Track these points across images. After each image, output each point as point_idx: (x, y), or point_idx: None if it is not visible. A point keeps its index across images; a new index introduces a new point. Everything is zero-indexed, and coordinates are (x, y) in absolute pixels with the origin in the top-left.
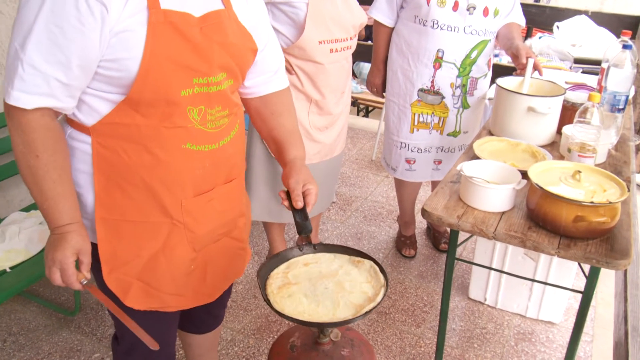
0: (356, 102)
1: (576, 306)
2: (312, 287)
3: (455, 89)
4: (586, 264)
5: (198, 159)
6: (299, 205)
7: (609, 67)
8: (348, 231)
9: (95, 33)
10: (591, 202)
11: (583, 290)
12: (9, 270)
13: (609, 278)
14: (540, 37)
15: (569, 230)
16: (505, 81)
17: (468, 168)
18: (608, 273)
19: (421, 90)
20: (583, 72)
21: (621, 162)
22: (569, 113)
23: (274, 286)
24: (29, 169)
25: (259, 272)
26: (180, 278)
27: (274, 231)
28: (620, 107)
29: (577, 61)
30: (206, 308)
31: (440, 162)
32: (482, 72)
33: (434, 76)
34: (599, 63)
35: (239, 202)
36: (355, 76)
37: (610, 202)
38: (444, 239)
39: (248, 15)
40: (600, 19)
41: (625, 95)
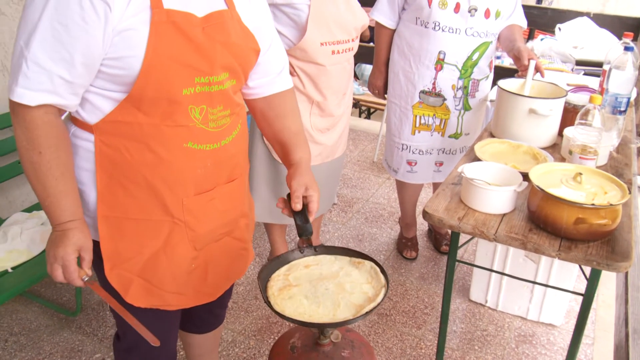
0: (358, 104)
1: (577, 308)
2: (313, 289)
3: (457, 90)
4: (587, 266)
5: (199, 158)
6: (297, 207)
7: (610, 69)
8: (349, 233)
9: (98, 31)
10: (592, 204)
11: (584, 292)
12: (10, 271)
13: (609, 280)
14: (542, 39)
15: (570, 233)
16: (506, 83)
17: (469, 170)
18: (609, 275)
19: (423, 92)
20: (585, 74)
21: (622, 165)
22: (570, 115)
23: (274, 288)
24: (32, 165)
25: (260, 274)
26: (181, 276)
27: (275, 232)
28: (622, 109)
29: (579, 63)
30: (207, 307)
31: (441, 164)
32: (483, 74)
33: (435, 78)
34: (600, 65)
35: (240, 203)
36: (357, 78)
37: (611, 205)
38: (445, 241)
39: (251, 16)
40: (602, 20)
41: (627, 98)
